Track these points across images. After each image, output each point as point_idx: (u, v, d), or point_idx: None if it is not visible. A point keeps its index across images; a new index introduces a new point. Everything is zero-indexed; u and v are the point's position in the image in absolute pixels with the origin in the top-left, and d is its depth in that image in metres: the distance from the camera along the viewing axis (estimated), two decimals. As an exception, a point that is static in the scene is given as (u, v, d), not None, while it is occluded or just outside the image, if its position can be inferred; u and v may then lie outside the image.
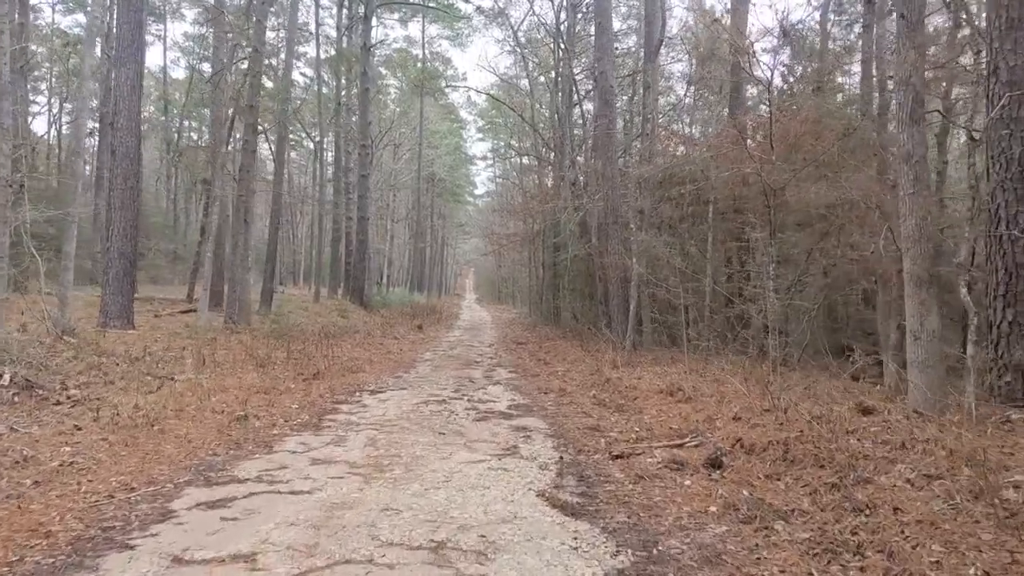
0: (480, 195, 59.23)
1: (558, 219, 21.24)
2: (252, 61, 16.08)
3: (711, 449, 4.68)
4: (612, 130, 11.03)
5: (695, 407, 6.50)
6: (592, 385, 9.04)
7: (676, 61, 23.24)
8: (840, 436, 4.27)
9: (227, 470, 4.24)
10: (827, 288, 10.57)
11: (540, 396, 8.31)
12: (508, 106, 26.24)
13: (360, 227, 24.19)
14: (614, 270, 11.40)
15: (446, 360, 13.15)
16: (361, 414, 6.71)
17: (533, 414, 6.91)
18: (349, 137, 26.80)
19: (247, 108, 15.39)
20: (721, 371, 8.90)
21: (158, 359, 9.27)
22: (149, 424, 5.37)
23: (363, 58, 24.25)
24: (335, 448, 4.98)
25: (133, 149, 12.59)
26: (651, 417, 6.39)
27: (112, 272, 12.34)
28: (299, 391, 8.08)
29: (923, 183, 4.88)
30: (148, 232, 33.62)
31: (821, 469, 3.93)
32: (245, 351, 10.71)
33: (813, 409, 5.42)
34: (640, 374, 9.09)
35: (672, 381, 8.34)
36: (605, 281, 16.52)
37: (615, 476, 4.22)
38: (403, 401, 7.62)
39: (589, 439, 5.46)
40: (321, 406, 7.18)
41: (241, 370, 9.38)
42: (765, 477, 3.96)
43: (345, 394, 8.14)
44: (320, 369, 9.97)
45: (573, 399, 7.99)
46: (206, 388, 7.49)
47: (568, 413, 6.96)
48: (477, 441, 5.36)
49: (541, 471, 4.40)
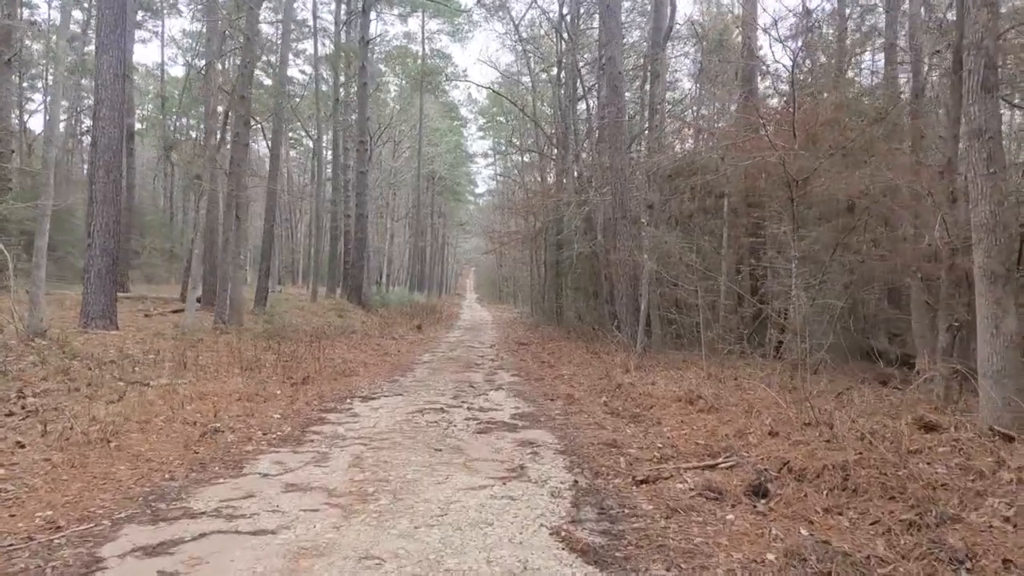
0: (481, 193, 58.67)
1: (561, 216, 20.58)
2: (244, 51, 15.44)
3: (750, 472, 4.02)
4: (621, 119, 10.36)
5: (720, 418, 5.84)
6: (602, 391, 8.37)
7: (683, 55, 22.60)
8: (907, 459, 3.60)
9: (182, 500, 3.58)
10: (851, 286, 9.90)
11: (546, 403, 7.65)
12: (510, 100, 25.56)
13: (358, 225, 23.53)
14: (623, 267, 10.73)
15: (445, 362, 12.49)
16: (350, 425, 6.05)
17: (540, 425, 6.25)
18: (348, 134, 26.13)
19: (239, 99, 14.74)
20: (744, 376, 8.24)
21: (136, 362, 8.62)
22: (104, 440, 4.71)
23: (361, 52, 23.60)
24: (314, 469, 4.32)
25: (116, 140, 11.93)
26: (672, 430, 5.72)
27: (94, 270, 11.69)
28: (285, 398, 7.42)
29: (999, 163, 4.22)
30: (144, 230, 33.06)
31: (891, 502, 3.26)
32: (232, 353, 10.05)
33: (860, 422, 4.76)
34: (653, 379, 8.42)
35: (690, 387, 7.68)
36: (611, 279, 15.86)
37: (642, 508, 3.55)
38: (397, 409, 6.96)
39: (606, 457, 4.79)
40: (307, 415, 6.52)
41: (225, 374, 8.73)
42: (823, 511, 3.29)
43: (335, 401, 7.49)
44: (310, 373, 9.32)
45: (582, 407, 7.32)
46: (182, 395, 6.83)
47: (579, 424, 6.29)
48: (478, 460, 4.69)
49: (553, 499, 3.74)
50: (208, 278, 17.52)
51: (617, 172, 10.37)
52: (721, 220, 10.43)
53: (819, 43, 12.17)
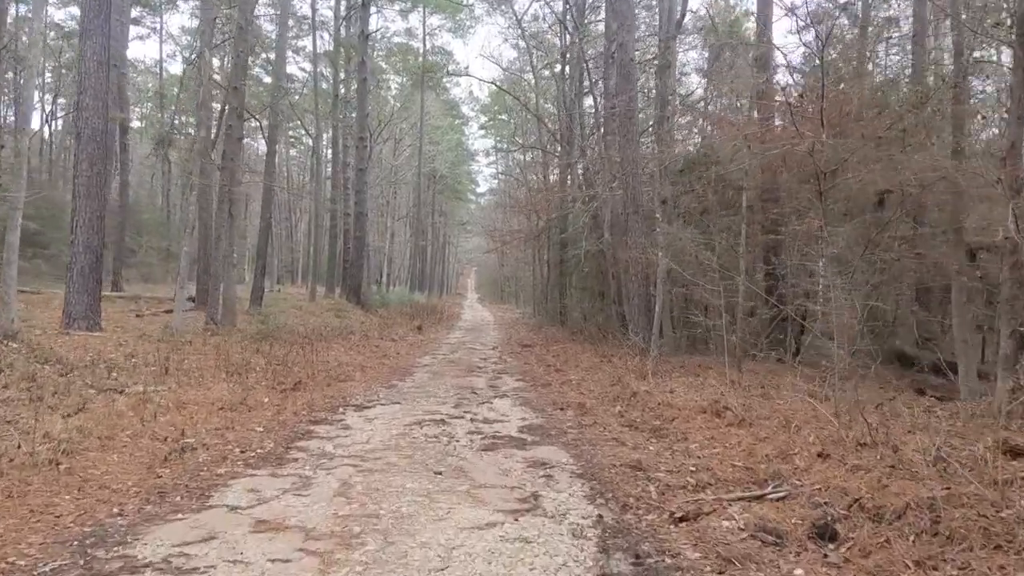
0: (482, 193, 58.11)
1: (566, 214, 19.95)
2: (237, 41, 14.80)
3: (808, 506, 3.39)
4: (633, 108, 9.72)
5: (755, 434, 5.20)
6: (616, 399, 7.74)
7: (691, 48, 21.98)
8: (1007, 496, 2.97)
9: (127, 544, 2.95)
10: (880, 286, 9.25)
11: (557, 414, 7.01)
12: (512, 95, 24.92)
13: (358, 223, 22.90)
14: (634, 266, 10.09)
15: (446, 366, 11.87)
16: (340, 440, 5.42)
17: (551, 440, 5.62)
18: (348, 131, 25.49)
19: (231, 90, 14.11)
20: (770, 384, 7.60)
21: (113, 367, 7.99)
22: (54, 461, 4.09)
23: (361, 47, 22.99)
24: (293, 500, 3.69)
25: (100, 131, 11.31)
26: (701, 447, 5.09)
27: (76, 268, 11.08)
28: (271, 407, 6.79)
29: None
30: (141, 228, 32.52)
31: (1000, 553, 2.63)
32: (220, 356, 9.43)
33: (922, 441, 4.12)
34: (670, 385, 7.78)
35: (712, 396, 7.04)
36: (619, 279, 15.21)
37: (687, 556, 2.92)
38: (393, 421, 6.33)
39: (631, 483, 4.16)
40: (293, 428, 5.89)
41: (211, 379, 8.11)
42: (915, 565, 2.65)
43: (326, 411, 6.87)
44: (302, 378, 8.70)
45: (597, 418, 6.69)
46: (156, 405, 6.21)
47: (594, 439, 5.66)
48: (484, 486, 4.06)
49: (576, 542, 3.10)
50: (202, 277, 16.92)
51: (628, 165, 9.73)
52: (739, 216, 9.79)
53: (841, 31, 11.53)
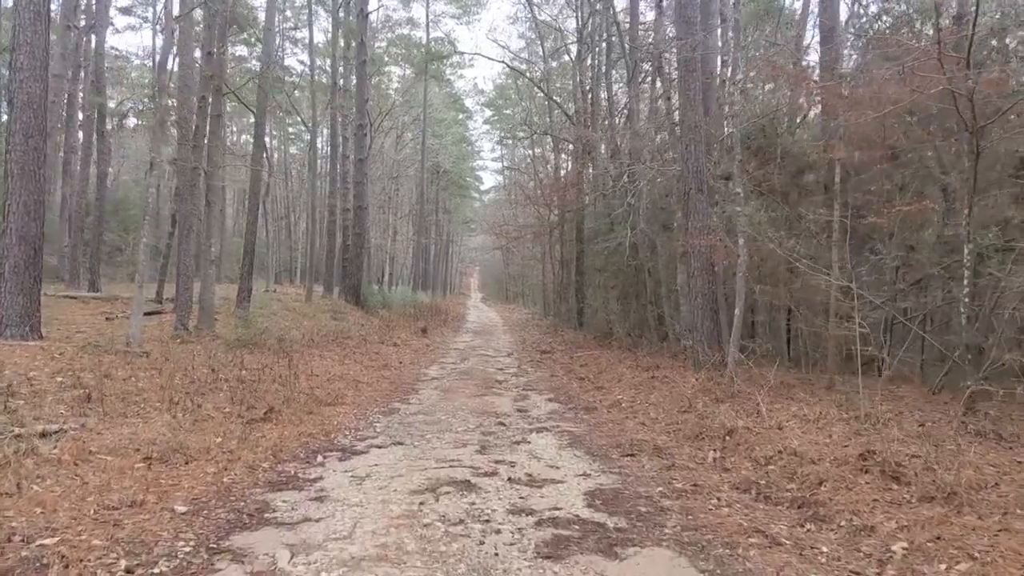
0: (486, 190, 56.13)
1: (583, 205, 17.88)
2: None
3: None
4: (695, 60, 7.61)
5: (986, 526, 3.13)
6: (698, 436, 5.67)
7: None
8: None
9: None
10: None
11: (628, 465, 4.94)
12: (527, 76, 22.88)
13: (357, 218, 20.83)
14: (697, 257, 8.02)
15: (458, 379, 9.84)
16: (304, 532, 3.37)
17: (645, 524, 3.56)
18: (346, 121, 23.42)
19: (205, 55, 12.05)
20: (923, 414, 5.52)
21: (23, 394, 5.95)
22: None
23: (360, 27, 20.99)
24: None
25: (38, 97, 9.26)
26: (923, 560, 3.01)
27: (9, 263, 8.92)
28: (221, 456, 4.75)
29: None
30: (127, 225, 30.61)
31: None
32: (178, 373, 7.39)
33: None
34: (777, 418, 5.68)
35: (844, 434, 4.99)
36: (656, 276, 13.20)
37: None
38: (393, 481, 4.29)
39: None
40: (237, 502, 3.85)
41: (153, 408, 6.10)
42: None
43: (298, 460, 4.83)
44: (277, 403, 6.67)
45: (691, 475, 4.61)
46: (41, 458, 4.18)
47: (712, 524, 3.59)
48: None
49: None
50: (182, 277, 14.84)
51: (689, 131, 7.65)
52: (831, 193, 7.72)
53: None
